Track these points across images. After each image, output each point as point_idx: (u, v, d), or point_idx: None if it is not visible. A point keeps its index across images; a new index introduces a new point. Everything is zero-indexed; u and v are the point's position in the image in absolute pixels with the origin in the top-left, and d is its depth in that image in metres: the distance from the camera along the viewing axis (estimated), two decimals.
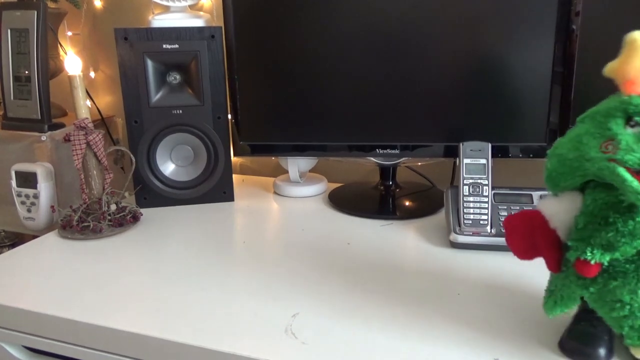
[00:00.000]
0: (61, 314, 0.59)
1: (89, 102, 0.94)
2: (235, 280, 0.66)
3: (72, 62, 0.82)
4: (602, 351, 0.48)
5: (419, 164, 1.03)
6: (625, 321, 0.45)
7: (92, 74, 1.27)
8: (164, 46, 0.89)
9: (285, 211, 0.93)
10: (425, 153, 0.89)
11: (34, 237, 0.84)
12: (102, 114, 1.15)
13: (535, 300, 0.60)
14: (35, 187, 0.93)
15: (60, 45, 1.13)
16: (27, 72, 0.97)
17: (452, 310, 0.58)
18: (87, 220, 0.82)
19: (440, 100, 0.86)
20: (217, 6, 1.11)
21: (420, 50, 0.84)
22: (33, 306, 0.61)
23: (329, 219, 0.88)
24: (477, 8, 0.81)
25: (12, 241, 1.25)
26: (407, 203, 0.94)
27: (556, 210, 0.48)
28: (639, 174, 0.41)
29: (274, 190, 1.04)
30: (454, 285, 0.64)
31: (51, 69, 1.05)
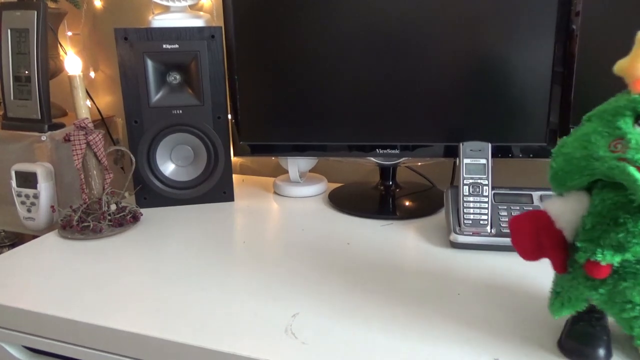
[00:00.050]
0: (61, 314, 0.59)
1: (89, 102, 0.94)
2: (235, 280, 0.66)
3: (72, 62, 0.82)
4: (601, 351, 0.48)
5: (419, 164, 1.03)
6: (636, 322, 0.45)
7: (92, 74, 1.27)
8: (164, 46, 0.89)
9: (285, 211, 0.93)
10: (425, 153, 0.89)
11: (34, 237, 0.84)
12: (102, 114, 1.15)
13: (535, 300, 0.60)
14: (35, 187, 0.93)
15: (60, 45, 1.13)
16: (27, 72, 0.97)
17: (452, 310, 0.58)
18: (87, 220, 0.82)
19: (440, 100, 0.86)
20: (217, 6, 1.11)
21: (420, 50, 0.84)
22: (33, 306, 0.61)
23: (329, 219, 0.88)
24: (477, 8, 0.81)
25: (12, 241, 1.25)
26: (407, 203, 0.94)
27: (562, 211, 0.47)
28: None
29: (274, 190, 1.04)
30: (454, 285, 0.64)
31: (51, 69, 1.05)
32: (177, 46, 0.89)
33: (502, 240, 0.73)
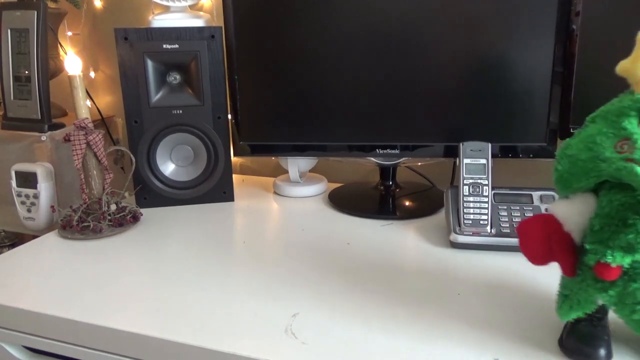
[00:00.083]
0: (61, 314, 0.59)
1: (89, 102, 0.94)
2: (235, 280, 0.66)
3: (72, 62, 0.82)
4: (602, 351, 0.48)
5: (419, 164, 1.03)
6: None
7: (92, 74, 1.27)
8: (164, 46, 0.89)
9: (285, 211, 0.93)
10: (425, 153, 0.89)
11: (34, 237, 0.84)
12: (102, 114, 1.15)
13: (535, 300, 0.60)
14: (35, 187, 0.93)
15: (60, 45, 1.13)
16: (27, 72, 0.97)
17: (452, 310, 0.58)
18: (87, 220, 0.82)
19: (440, 100, 0.86)
20: (217, 6, 1.11)
21: (420, 50, 0.84)
22: (33, 306, 0.61)
23: (329, 219, 0.88)
24: (477, 8, 0.81)
25: (12, 241, 1.25)
26: (407, 203, 0.94)
27: (570, 213, 0.47)
28: None
29: (274, 190, 1.04)
30: (454, 285, 0.64)
31: (51, 69, 1.05)
32: (177, 46, 0.89)
33: (502, 240, 0.73)
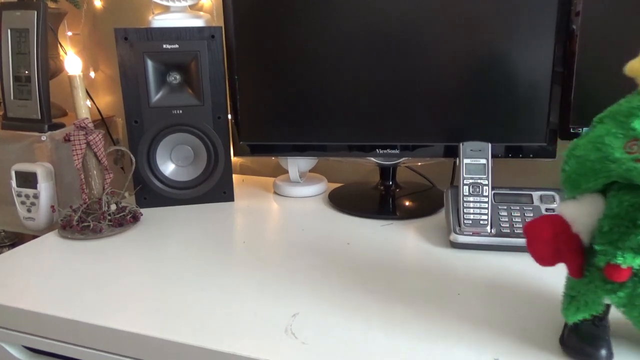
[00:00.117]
0: (61, 314, 0.59)
1: (89, 102, 0.94)
2: (235, 280, 0.66)
3: (72, 62, 0.82)
4: (603, 351, 0.48)
5: (419, 164, 1.03)
6: None
7: (92, 74, 1.27)
8: (164, 46, 0.89)
9: (285, 211, 0.93)
10: (425, 153, 0.89)
11: (34, 237, 0.84)
12: (102, 114, 1.15)
13: (535, 299, 0.60)
14: (35, 187, 0.93)
15: (60, 45, 1.13)
16: (27, 72, 0.97)
17: (452, 310, 0.58)
18: (87, 220, 0.82)
19: (440, 100, 0.86)
20: (217, 6, 1.11)
21: (420, 50, 0.84)
22: (33, 306, 0.61)
23: (329, 219, 0.88)
24: (477, 8, 0.81)
25: (12, 241, 1.25)
26: (407, 203, 0.94)
27: (578, 214, 0.47)
28: None
29: (274, 190, 1.04)
30: (454, 285, 0.64)
31: (51, 69, 1.05)
32: (177, 46, 0.89)
33: (502, 240, 0.73)
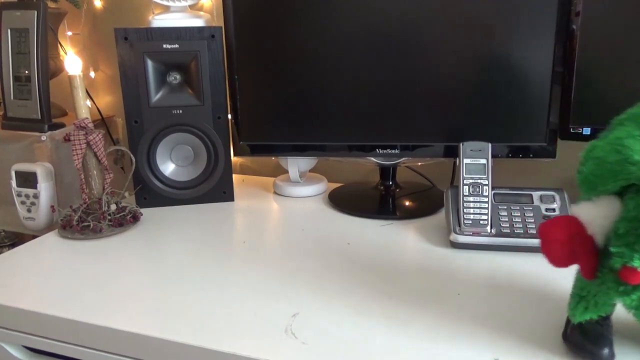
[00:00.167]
0: (61, 314, 0.59)
1: (89, 102, 0.94)
2: (235, 280, 0.66)
3: (72, 62, 0.82)
4: (606, 350, 0.48)
5: (419, 164, 1.03)
6: None
7: (92, 74, 1.27)
8: (164, 46, 0.89)
9: (285, 211, 0.93)
10: (425, 153, 0.89)
11: (34, 237, 0.84)
12: (102, 114, 1.15)
13: (535, 299, 0.60)
14: (35, 187, 0.93)
15: (60, 45, 1.13)
16: (27, 72, 0.97)
17: (452, 310, 0.58)
18: (87, 220, 0.82)
19: (440, 100, 0.86)
20: (217, 6, 1.11)
21: (421, 50, 0.84)
22: (33, 306, 0.61)
23: (329, 219, 0.88)
24: (477, 8, 0.81)
25: (12, 241, 1.25)
26: (407, 203, 0.94)
27: (594, 216, 0.47)
28: None
29: (274, 190, 1.04)
30: (454, 285, 0.64)
31: (51, 69, 1.05)
32: (177, 46, 0.89)
33: (502, 240, 0.73)
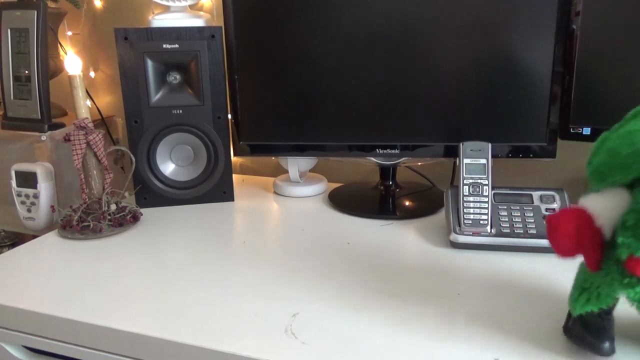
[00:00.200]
0: (61, 314, 0.59)
1: (89, 102, 0.94)
2: (235, 281, 0.66)
3: (72, 62, 0.82)
4: (607, 344, 0.48)
5: (419, 164, 1.03)
6: None
7: (92, 74, 1.27)
8: (164, 46, 0.89)
9: (285, 211, 0.93)
10: (425, 153, 0.89)
11: (34, 237, 0.84)
12: (102, 114, 1.15)
13: (535, 299, 0.60)
14: (35, 187, 0.93)
15: (60, 45, 1.13)
16: (27, 72, 0.97)
17: (452, 310, 0.58)
18: (87, 220, 0.82)
19: (440, 100, 0.86)
20: (217, 6, 1.11)
21: (421, 50, 0.84)
22: (33, 306, 0.61)
23: (329, 219, 0.88)
24: (477, 8, 0.81)
25: (12, 241, 1.25)
26: (407, 203, 0.94)
27: (603, 208, 0.47)
28: None
29: (274, 190, 1.04)
30: (454, 285, 0.64)
31: (51, 69, 1.05)
32: (177, 46, 0.89)
33: (502, 240, 0.73)
